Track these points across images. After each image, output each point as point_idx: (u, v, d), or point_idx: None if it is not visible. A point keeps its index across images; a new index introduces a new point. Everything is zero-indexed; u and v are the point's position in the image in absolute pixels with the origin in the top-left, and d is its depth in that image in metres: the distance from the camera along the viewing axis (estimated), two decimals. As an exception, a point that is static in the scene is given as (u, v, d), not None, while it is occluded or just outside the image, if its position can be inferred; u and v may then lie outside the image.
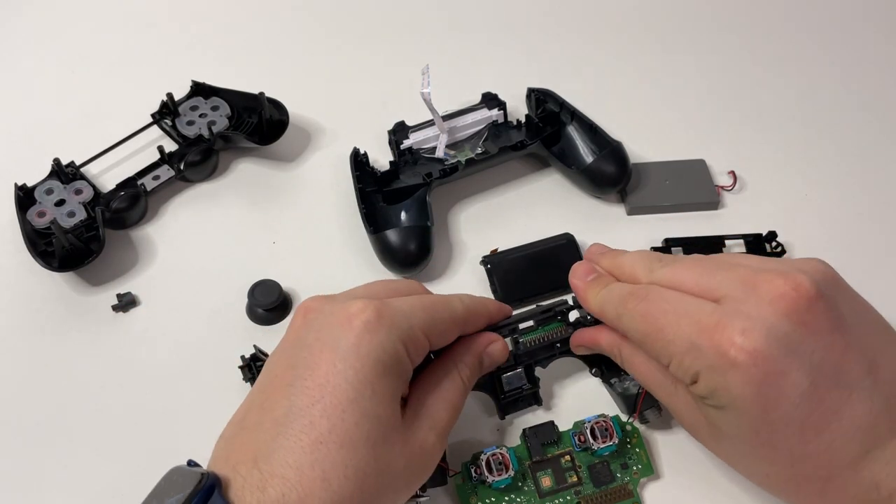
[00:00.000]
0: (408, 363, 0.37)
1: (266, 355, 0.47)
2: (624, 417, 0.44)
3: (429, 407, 0.38)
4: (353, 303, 0.36)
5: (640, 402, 0.43)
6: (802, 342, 0.34)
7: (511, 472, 0.41)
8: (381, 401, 0.35)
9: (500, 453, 0.41)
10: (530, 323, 0.45)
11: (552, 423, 0.44)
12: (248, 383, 0.47)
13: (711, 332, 0.34)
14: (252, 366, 0.47)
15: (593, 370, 0.45)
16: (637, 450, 0.43)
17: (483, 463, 0.41)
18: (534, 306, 0.46)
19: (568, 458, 0.43)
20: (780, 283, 0.35)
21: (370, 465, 0.34)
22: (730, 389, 0.34)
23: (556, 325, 0.45)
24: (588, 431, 0.42)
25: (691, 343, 0.35)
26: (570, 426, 0.44)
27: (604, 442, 0.42)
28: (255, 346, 0.48)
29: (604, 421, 0.42)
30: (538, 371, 0.45)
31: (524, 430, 0.44)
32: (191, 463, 0.34)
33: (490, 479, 0.41)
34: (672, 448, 0.45)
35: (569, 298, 0.45)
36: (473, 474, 0.42)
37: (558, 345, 0.45)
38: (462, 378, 0.40)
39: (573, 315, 0.45)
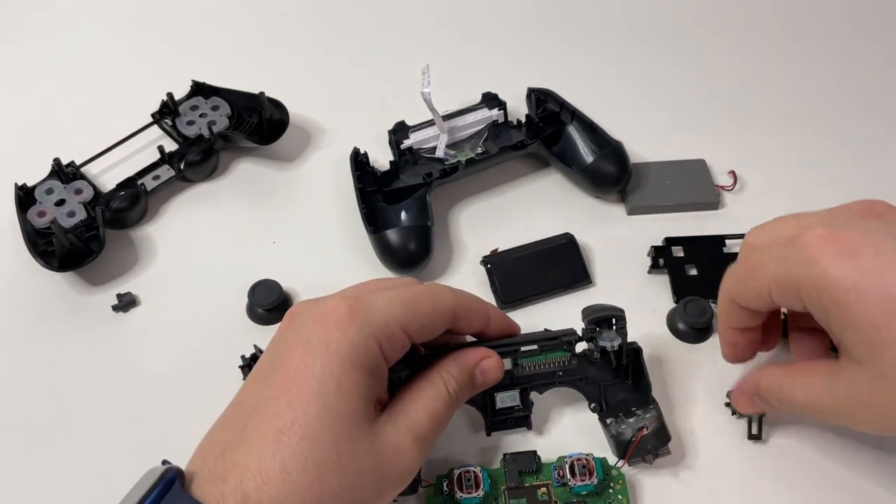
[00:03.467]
0: (380, 360, 0.37)
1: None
2: (612, 461, 0.43)
3: (407, 410, 0.38)
4: (329, 300, 0.37)
5: (631, 448, 0.42)
6: None
7: (480, 493, 0.41)
8: (347, 396, 0.35)
9: (474, 472, 0.41)
10: (534, 347, 0.43)
11: (534, 452, 0.43)
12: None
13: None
14: (252, 365, 0.47)
15: (592, 405, 0.44)
16: (619, 496, 0.42)
17: (455, 478, 0.41)
18: (542, 329, 0.45)
19: (545, 490, 0.42)
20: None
21: (331, 458, 0.33)
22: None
23: (561, 353, 0.43)
24: (567, 467, 0.41)
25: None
26: (554, 458, 0.43)
27: (582, 480, 0.41)
28: (254, 345, 0.48)
29: (585, 459, 0.41)
30: (533, 395, 0.44)
31: (505, 454, 0.43)
32: (164, 463, 0.35)
33: (459, 495, 0.41)
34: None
35: (578, 329, 0.44)
36: (445, 488, 0.41)
37: (560, 373, 0.43)
38: (448, 388, 0.39)
39: (580, 347, 0.44)
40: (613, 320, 0.42)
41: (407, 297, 0.38)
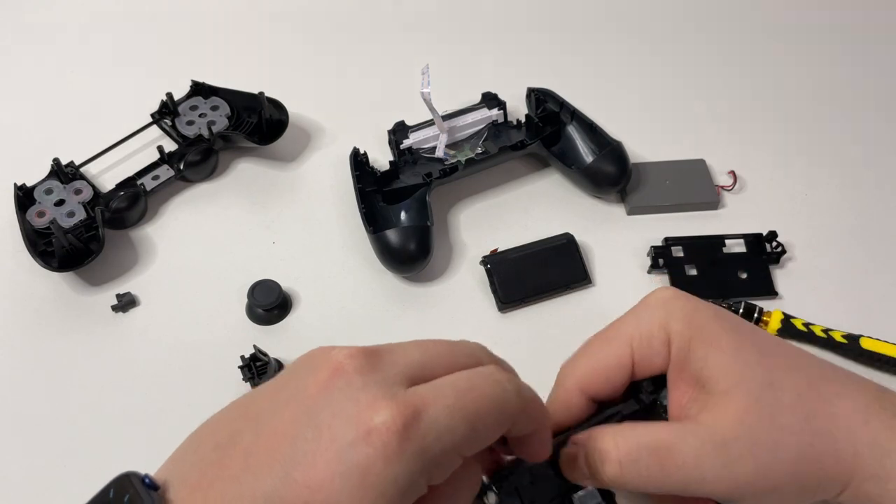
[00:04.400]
0: (423, 490, 0.30)
1: (265, 355, 0.47)
2: None
3: None
4: (381, 406, 0.29)
5: None
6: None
7: None
8: None
9: None
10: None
11: None
12: (248, 383, 0.47)
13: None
14: (252, 365, 0.47)
15: None
16: None
17: None
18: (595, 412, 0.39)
19: None
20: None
21: None
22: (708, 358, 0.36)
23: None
24: None
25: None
26: None
27: None
28: (254, 346, 0.48)
29: None
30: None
31: None
32: (146, 481, 0.30)
33: None
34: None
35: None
36: None
37: None
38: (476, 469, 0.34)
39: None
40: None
41: (472, 406, 0.31)
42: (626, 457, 0.35)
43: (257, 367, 0.47)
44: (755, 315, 0.49)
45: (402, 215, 0.52)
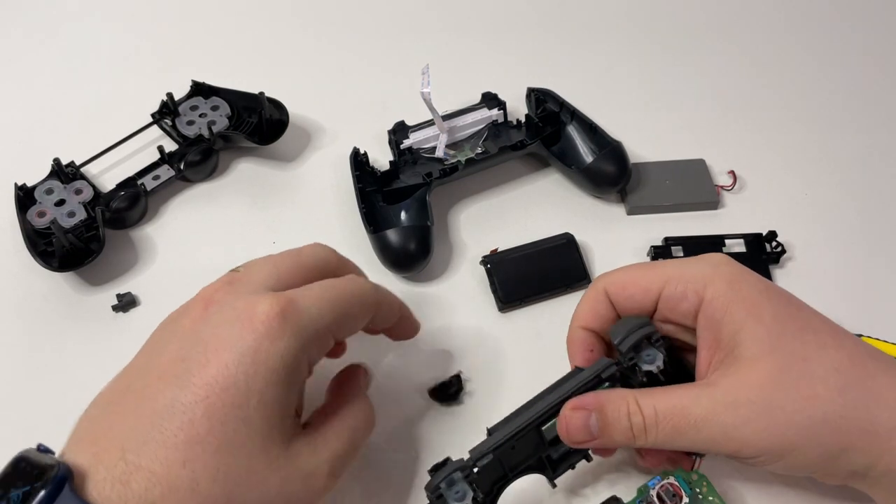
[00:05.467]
0: (305, 372, 0.36)
1: None
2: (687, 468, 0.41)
3: (329, 439, 0.36)
4: (258, 300, 0.35)
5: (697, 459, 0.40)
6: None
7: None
8: (267, 411, 0.33)
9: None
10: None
11: (615, 497, 0.41)
12: None
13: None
14: None
15: None
16: (710, 497, 0.40)
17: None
18: (572, 369, 0.41)
19: None
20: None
21: (242, 476, 0.32)
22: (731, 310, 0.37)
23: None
24: (656, 497, 0.39)
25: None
26: (634, 494, 0.41)
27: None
28: None
29: (668, 484, 0.39)
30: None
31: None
32: (41, 448, 0.33)
33: None
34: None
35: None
36: None
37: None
38: (368, 423, 0.39)
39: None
40: (643, 337, 0.39)
41: (337, 298, 0.37)
42: (649, 419, 0.36)
43: None
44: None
45: (402, 215, 0.52)
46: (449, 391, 0.46)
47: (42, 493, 0.30)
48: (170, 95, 0.59)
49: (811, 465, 0.36)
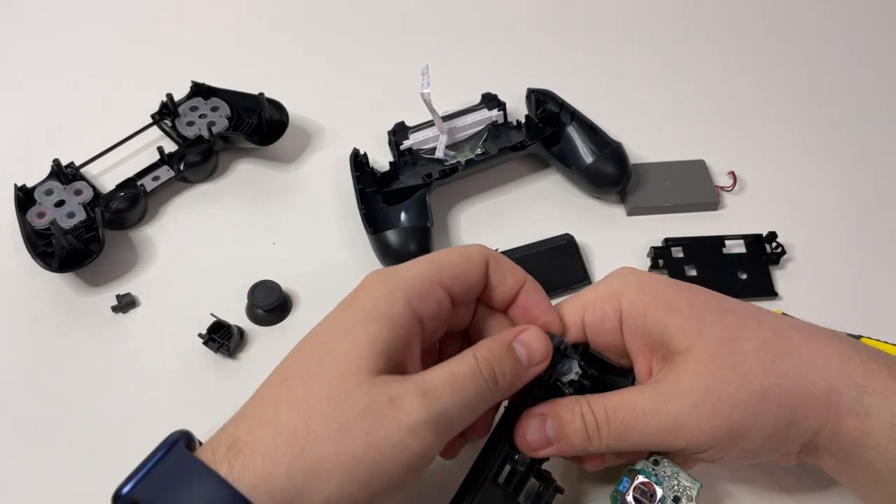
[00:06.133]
0: (407, 316, 0.35)
1: (226, 324, 0.49)
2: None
3: (423, 373, 0.34)
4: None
5: None
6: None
7: None
8: (351, 342, 0.34)
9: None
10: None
11: None
12: (219, 353, 0.49)
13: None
14: (214, 337, 0.48)
15: None
16: (677, 475, 0.38)
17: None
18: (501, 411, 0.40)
19: None
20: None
21: (320, 401, 0.33)
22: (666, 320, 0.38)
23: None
24: (632, 500, 0.38)
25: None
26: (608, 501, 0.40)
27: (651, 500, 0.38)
28: (212, 313, 0.48)
29: (640, 485, 0.38)
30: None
31: None
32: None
33: None
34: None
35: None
36: None
37: None
38: (477, 357, 0.35)
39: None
40: (556, 353, 0.38)
41: (433, 255, 0.39)
42: (600, 417, 0.37)
43: (220, 335, 0.48)
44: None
45: (402, 216, 0.52)
46: None
47: (159, 454, 0.33)
48: (170, 96, 0.59)
49: (764, 445, 0.36)
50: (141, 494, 0.32)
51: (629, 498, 0.38)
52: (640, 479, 0.38)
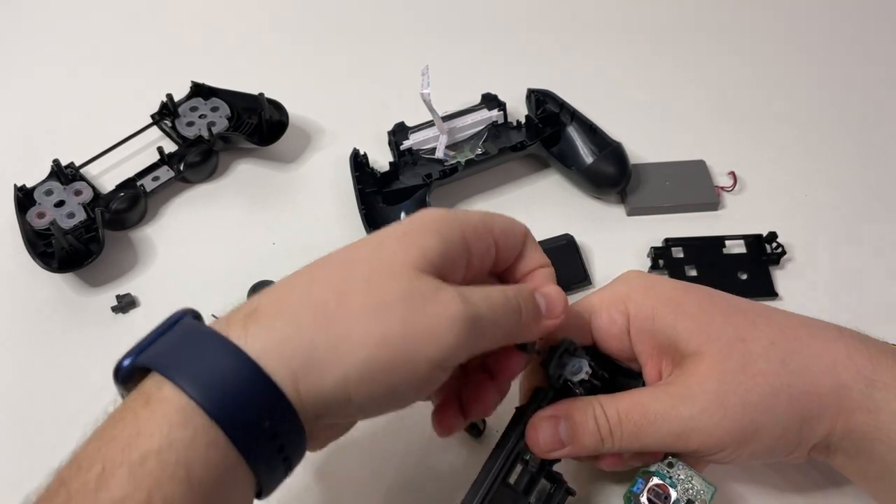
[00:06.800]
0: (461, 243, 0.34)
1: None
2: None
3: (462, 287, 0.33)
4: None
5: None
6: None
7: None
8: (403, 245, 0.33)
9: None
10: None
11: None
12: None
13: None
14: None
15: None
16: (691, 478, 0.38)
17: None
18: (513, 410, 0.40)
19: None
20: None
21: (360, 281, 0.31)
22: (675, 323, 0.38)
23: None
24: (646, 501, 0.38)
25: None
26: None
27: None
28: (212, 314, 0.48)
29: (655, 486, 0.38)
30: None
31: None
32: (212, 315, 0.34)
33: None
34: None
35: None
36: None
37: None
38: (508, 292, 0.35)
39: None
40: (565, 354, 0.39)
41: (486, 212, 0.37)
42: (612, 419, 0.37)
43: None
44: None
45: (402, 216, 0.52)
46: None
47: (165, 321, 0.32)
48: (169, 96, 0.59)
49: (775, 445, 0.36)
50: (142, 361, 0.31)
51: (643, 499, 0.38)
52: (655, 480, 0.38)
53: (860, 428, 0.36)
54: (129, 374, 0.32)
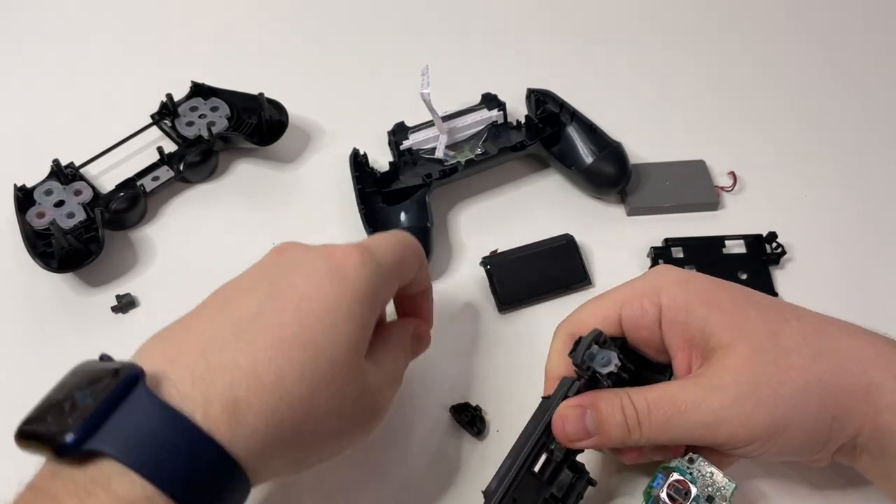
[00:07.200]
0: (380, 306, 0.38)
1: None
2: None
3: (385, 360, 0.38)
4: (336, 245, 0.37)
5: None
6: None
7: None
8: (354, 324, 0.34)
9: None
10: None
11: None
12: None
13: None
14: None
15: None
16: (712, 475, 0.38)
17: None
18: (540, 399, 0.41)
19: None
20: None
21: (327, 377, 0.32)
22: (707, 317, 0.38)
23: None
24: (665, 496, 0.37)
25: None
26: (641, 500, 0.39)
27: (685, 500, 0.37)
28: None
29: (675, 482, 0.37)
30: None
31: None
32: (104, 357, 0.32)
33: None
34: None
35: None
36: None
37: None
38: (409, 349, 0.41)
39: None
40: (594, 345, 0.39)
41: (398, 241, 0.39)
42: (641, 410, 0.37)
43: None
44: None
45: (402, 216, 0.52)
46: (468, 416, 0.46)
47: (113, 388, 0.28)
48: (169, 96, 0.59)
49: (804, 442, 0.36)
50: (105, 446, 0.27)
51: (663, 494, 0.37)
52: (675, 476, 0.38)
53: (888, 427, 0.36)
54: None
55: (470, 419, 0.45)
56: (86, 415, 0.28)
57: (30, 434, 0.29)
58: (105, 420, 0.28)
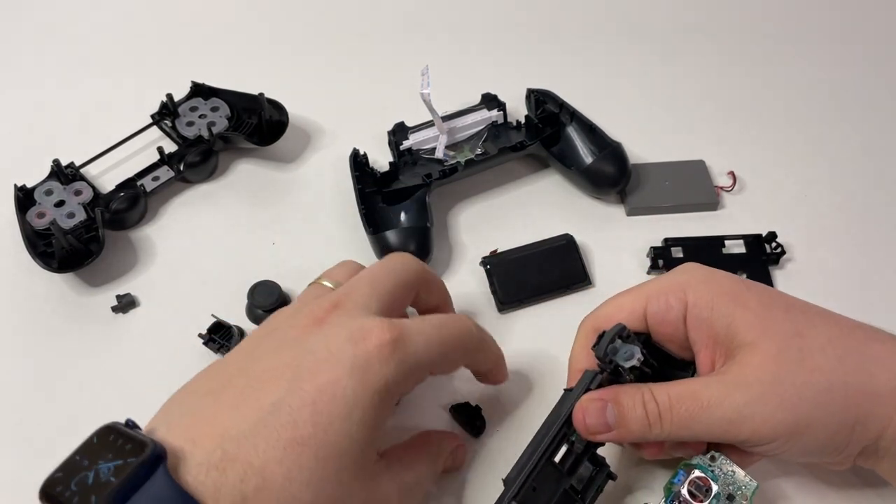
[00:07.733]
0: (406, 389, 0.37)
1: (226, 324, 0.49)
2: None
3: (402, 472, 0.37)
4: (373, 324, 0.36)
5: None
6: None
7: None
8: (367, 429, 0.34)
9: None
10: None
11: None
12: (219, 354, 0.48)
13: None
14: (214, 338, 0.48)
15: None
16: (733, 472, 0.38)
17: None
18: (562, 391, 0.41)
19: None
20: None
21: (332, 486, 0.33)
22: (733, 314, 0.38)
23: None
24: (686, 492, 0.37)
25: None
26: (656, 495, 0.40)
27: (706, 497, 0.37)
28: (212, 314, 0.48)
29: (696, 479, 0.37)
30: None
31: None
32: (129, 423, 0.33)
33: None
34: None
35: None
36: None
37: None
38: (438, 467, 0.40)
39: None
40: (618, 339, 0.39)
41: (444, 338, 0.38)
42: (663, 405, 0.37)
43: (220, 336, 0.48)
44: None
45: (402, 216, 0.52)
46: (467, 416, 0.46)
47: (135, 469, 0.29)
48: (169, 96, 0.59)
49: (826, 442, 0.36)
50: None
51: (683, 491, 0.37)
52: (696, 473, 0.37)
53: None
54: None
55: (470, 419, 0.45)
56: (109, 496, 0.29)
57: (55, 500, 0.30)
58: (125, 501, 0.29)
